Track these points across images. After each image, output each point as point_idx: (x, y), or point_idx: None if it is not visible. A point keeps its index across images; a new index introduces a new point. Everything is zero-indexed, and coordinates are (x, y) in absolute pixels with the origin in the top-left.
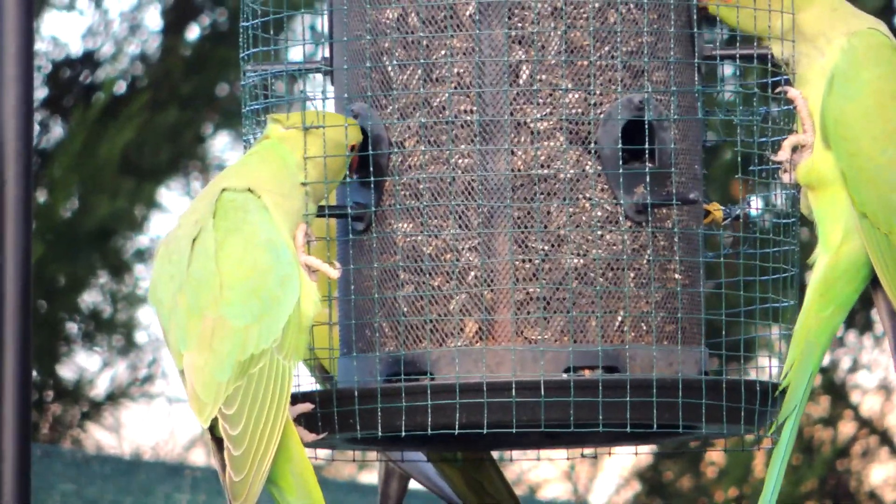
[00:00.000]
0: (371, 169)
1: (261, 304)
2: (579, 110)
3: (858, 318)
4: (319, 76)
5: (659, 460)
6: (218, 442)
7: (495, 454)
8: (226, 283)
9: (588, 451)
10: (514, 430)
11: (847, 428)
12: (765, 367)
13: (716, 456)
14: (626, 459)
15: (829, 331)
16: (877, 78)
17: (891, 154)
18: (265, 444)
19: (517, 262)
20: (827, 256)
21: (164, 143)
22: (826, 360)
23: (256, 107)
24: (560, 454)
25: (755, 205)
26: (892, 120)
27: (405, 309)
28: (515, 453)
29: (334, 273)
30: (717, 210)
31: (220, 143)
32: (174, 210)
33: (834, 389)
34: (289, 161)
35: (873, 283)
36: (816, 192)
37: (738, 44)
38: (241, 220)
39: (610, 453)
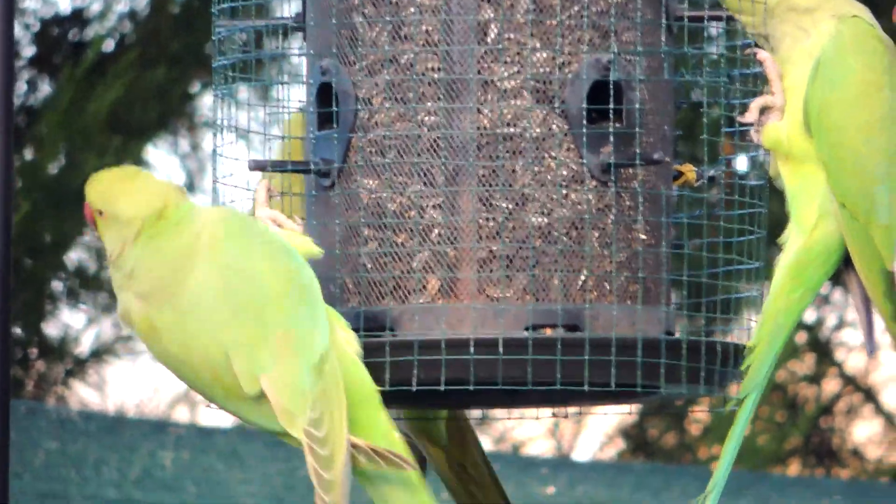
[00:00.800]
0: (337, 125)
1: (308, 307)
2: (546, 69)
3: (844, 277)
4: (294, 32)
5: (644, 418)
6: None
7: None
8: (273, 295)
9: (572, 409)
10: (471, 388)
11: (831, 385)
12: (735, 330)
13: (700, 414)
14: (611, 417)
15: (797, 313)
16: (862, 67)
17: (873, 146)
18: (343, 436)
19: (481, 220)
20: (800, 238)
21: (152, 101)
22: (811, 318)
23: (226, 62)
24: (535, 412)
25: (739, 165)
26: (877, 110)
27: (368, 265)
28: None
29: (297, 228)
30: (689, 171)
31: (208, 101)
32: (161, 168)
33: (819, 347)
34: None
35: (846, 265)
36: (789, 165)
37: (706, 5)
38: (249, 229)
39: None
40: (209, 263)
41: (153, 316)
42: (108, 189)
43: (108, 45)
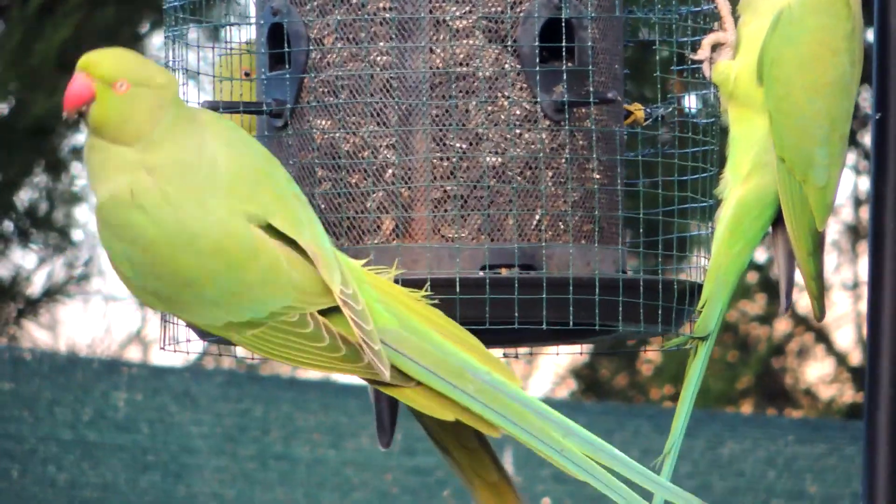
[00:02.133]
0: (289, 66)
1: (295, 183)
2: (498, 8)
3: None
4: None
5: (595, 358)
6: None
7: None
8: (277, 166)
9: (523, 350)
10: None
11: (782, 325)
12: (692, 266)
13: (652, 354)
14: (562, 358)
15: (738, 267)
16: (821, 28)
17: (818, 107)
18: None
19: (435, 161)
20: (736, 190)
21: (101, 41)
22: (762, 258)
23: (176, 3)
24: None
25: (688, 103)
26: (826, 73)
27: (322, 206)
28: None
29: None
30: (638, 110)
31: (157, 42)
32: None
33: (770, 287)
34: None
35: (774, 223)
36: (732, 108)
37: None
38: (236, 127)
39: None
40: (216, 139)
41: (168, 191)
42: (126, 58)
43: None
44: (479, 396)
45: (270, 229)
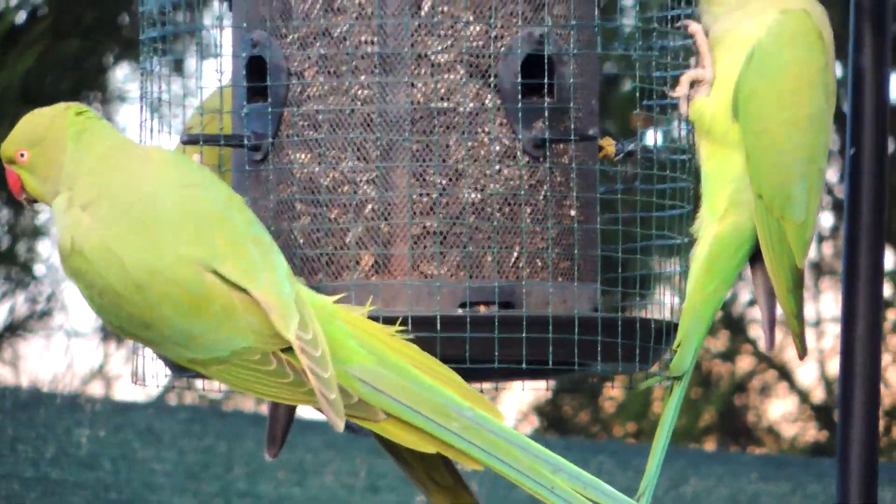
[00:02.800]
0: (269, 99)
1: (260, 224)
2: (480, 43)
3: (750, 268)
4: (218, 4)
5: (557, 395)
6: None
7: None
8: (235, 207)
9: (487, 385)
10: None
11: (745, 362)
12: (664, 304)
13: (614, 391)
14: (525, 394)
15: (714, 305)
16: (796, 61)
17: (796, 141)
18: (324, 338)
19: (415, 196)
20: (712, 228)
21: (64, 72)
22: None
23: (154, 35)
24: None
25: (653, 140)
26: (803, 107)
27: (301, 241)
28: None
29: None
30: (609, 145)
31: (121, 74)
32: None
33: (732, 324)
34: None
35: (752, 260)
36: (708, 145)
37: None
38: (197, 165)
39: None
40: (163, 177)
41: (108, 238)
42: (15, 131)
43: (21, 17)
44: (465, 434)
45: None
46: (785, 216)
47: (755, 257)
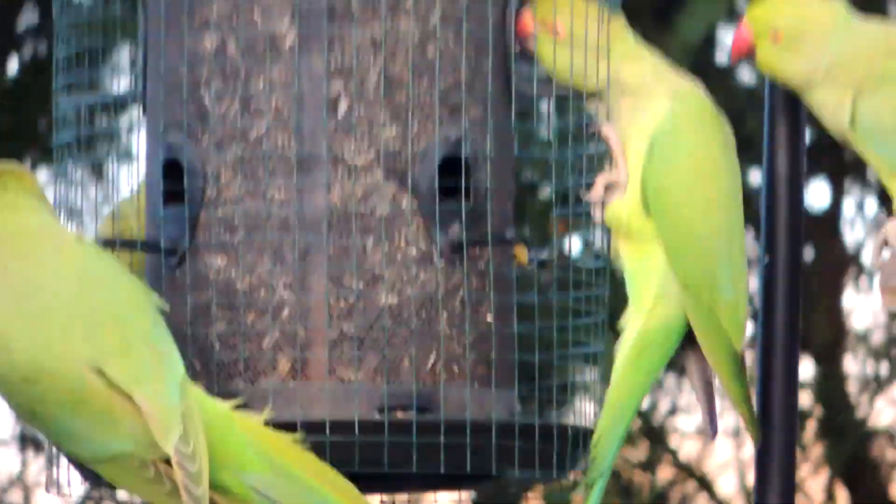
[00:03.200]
0: (185, 201)
1: (163, 329)
2: (397, 145)
3: (677, 361)
4: (136, 107)
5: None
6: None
7: None
8: (135, 308)
9: (401, 498)
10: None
11: (665, 472)
12: (582, 411)
13: (534, 499)
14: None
15: (638, 398)
16: (697, 145)
17: (713, 223)
18: (205, 455)
19: (332, 300)
20: (639, 321)
21: None
22: (645, 404)
23: (69, 140)
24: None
25: (568, 247)
26: (714, 188)
27: (217, 346)
28: None
29: None
30: (521, 252)
31: (39, 179)
32: None
33: (653, 433)
34: None
35: (683, 347)
36: (629, 245)
37: (554, 81)
38: (109, 261)
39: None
40: (63, 267)
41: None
42: None
43: None
44: None
45: None
46: (715, 300)
47: (686, 348)
